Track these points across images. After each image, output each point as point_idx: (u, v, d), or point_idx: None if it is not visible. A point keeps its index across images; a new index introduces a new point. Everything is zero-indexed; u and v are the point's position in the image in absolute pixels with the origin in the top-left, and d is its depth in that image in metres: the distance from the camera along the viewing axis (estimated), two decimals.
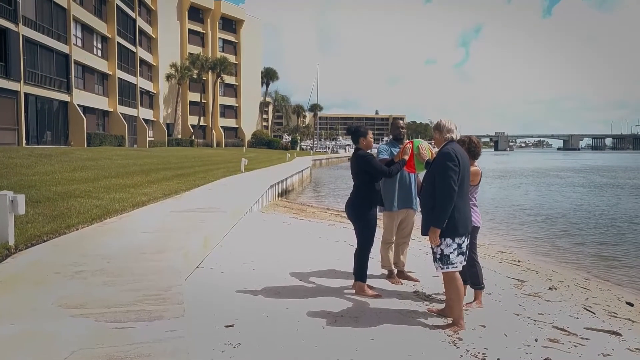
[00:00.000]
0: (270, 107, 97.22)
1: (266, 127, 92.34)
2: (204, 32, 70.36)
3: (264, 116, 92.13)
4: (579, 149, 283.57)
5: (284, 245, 7.93)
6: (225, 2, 72.77)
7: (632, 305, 6.93)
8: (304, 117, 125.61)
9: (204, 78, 66.63)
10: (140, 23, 51.17)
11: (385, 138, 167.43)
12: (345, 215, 15.66)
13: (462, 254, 4.56)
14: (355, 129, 5.34)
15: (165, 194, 10.88)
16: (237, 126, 76.05)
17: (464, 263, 4.64)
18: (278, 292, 5.24)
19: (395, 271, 6.19)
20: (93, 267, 4.41)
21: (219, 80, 68.25)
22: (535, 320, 5.22)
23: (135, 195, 10.22)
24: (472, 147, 5.21)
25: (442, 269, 4.52)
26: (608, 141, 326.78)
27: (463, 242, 4.55)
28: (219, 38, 72.75)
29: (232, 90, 75.38)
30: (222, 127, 71.98)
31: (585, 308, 6.23)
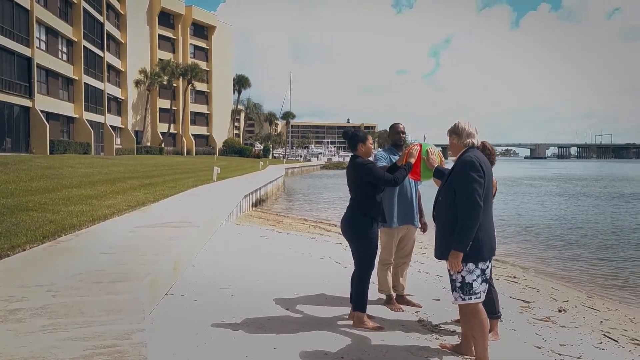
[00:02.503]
0: (242, 115, 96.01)
1: (238, 135, 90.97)
2: (175, 37, 69.00)
3: (236, 124, 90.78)
4: (545, 158, 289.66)
5: (264, 264, 7.09)
6: (197, 8, 71.58)
7: None
8: (276, 125, 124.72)
9: (175, 84, 65.21)
10: (108, 27, 49.66)
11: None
12: (325, 227, 14.97)
13: (486, 281, 3.83)
14: (353, 133, 4.58)
15: (131, 206, 9.93)
16: (208, 134, 74.65)
17: (486, 292, 3.90)
18: (262, 325, 4.41)
19: (394, 295, 5.43)
20: (33, 304, 3.52)
21: (189, 87, 66.88)
22: (560, 355, 4.53)
23: (97, 208, 9.24)
24: (486, 154, 4.48)
25: (464, 299, 3.77)
26: (573, 150, 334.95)
27: (487, 267, 3.82)
28: (190, 44, 71.44)
29: (203, 97, 74.03)
30: (192, 134, 70.54)
31: (604, 334, 5.59)
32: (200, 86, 71.27)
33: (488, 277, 3.85)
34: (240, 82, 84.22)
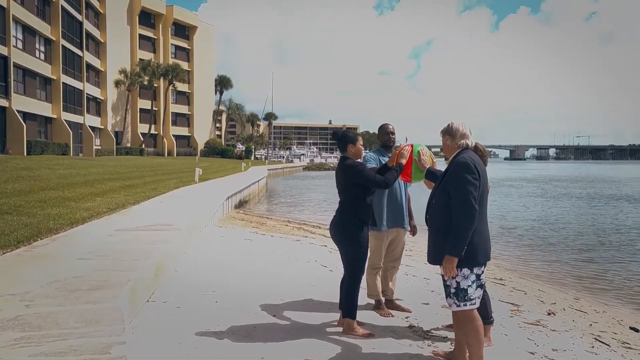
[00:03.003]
0: (224, 116, 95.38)
1: (219, 136, 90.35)
2: (156, 37, 68.27)
3: (217, 125, 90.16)
4: (524, 159, 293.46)
5: (248, 268, 6.90)
6: (178, 8, 70.93)
7: (637, 331, 6.31)
8: (258, 126, 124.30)
9: (155, 85, 64.53)
10: (88, 26, 48.90)
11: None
12: (309, 229, 14.81)
13: (481, 286, 3.71)
14: (343, 134, 4.43)
15: (111, 209, 9.66)
16: (189, 135, 74.02)
17: (481, 298, 3.78)
18: (248, 333, 4.24)
19: (383, 300, 5.29)
20: (5, 315, 3.30)
21: (170, 87, 66.24)
22: None
23: (75, 211, 8.96)
24: (478, 155, 4.36)
25: (458, 306, 3.64)
26: (552, 151, 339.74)
27: (482, 272, 3.70)
28: (171, 44, 70.79)
29: (185, 97, 73.39)
30: (173, 135, 69.86)
31: (595, 338, 5.52)
32: (182, 87, 70.67)
33: (483, 283, 3.73)
34: (222, 83, 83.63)
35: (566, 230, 15.77)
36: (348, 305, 4.32)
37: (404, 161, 4.39)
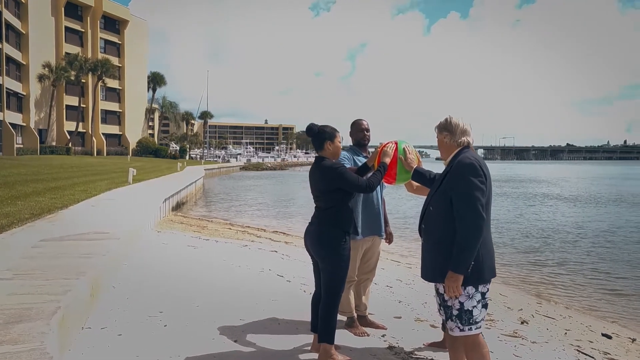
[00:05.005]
0: (157, 114, 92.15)
1: (152, 135, 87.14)
2: (83, 30, 64.86)
3: (150, 123, 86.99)
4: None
5: (198, 281, 6.13)
6: (108, 0, 67.68)
7: (610, 337, 6.09)
8: (193, 125, 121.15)
9: (83, 80, 61.26)
10: (7, 16, 45.66)
11: (277, 147, 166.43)
12: (253, 232, 14.06)
13: (486, 306, 3.21)
14: (320, 129, 3.81)
15: (35, 214, 8.58)
16: (120, 133, 70.97)
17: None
18: None
19: (356, 316, 4.73)
20: None
21: (100, 83, 63.04)
22: None
23: None
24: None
25: (462, 330, 3.12)
26: (480, 152, 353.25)
27: (488, 290, 3.20)
28: (101, 38, 67.51)
29: (115, 94, 70.25)
30: (103, 134, 66.71)
31: (577, 350, 5.22)
32: (112, 83, 67.57)
33: (488, 302, 3.23)
34: (155, 80, 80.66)
35: (510, 232, 15.77)
36: (326, 328, 3.71)
37: (388, 160, 3.84)
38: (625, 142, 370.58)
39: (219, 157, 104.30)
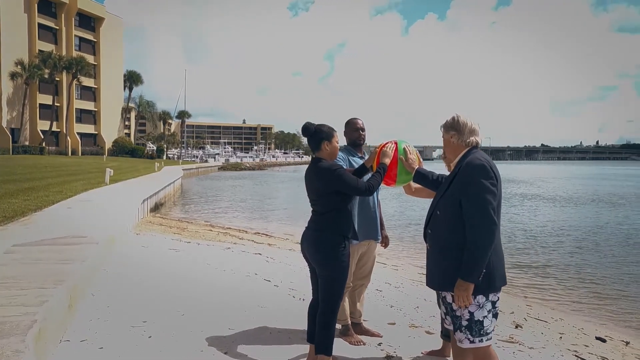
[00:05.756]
0: (133, 113, 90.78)
1: (128, 135, 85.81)
2: (57, 28, 63.51)
3: (127, 123, 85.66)
4: (432, 159, 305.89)
5: (182, 288, 5.84)
6: None
7: (604, 341, 6.01)
8: (170, 124, 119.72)
9: (57, 79, 60.01)
10: None
11: (255, 147, 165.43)
12: (235, 233, 13.77)
13: (496, 316, 3.04)
14: (317, 129, 3.59)
15: (7, 217, 8.20)
16: (96, 133, 69.74)
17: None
18: None
19: (350, 323, 4.52)
20: None
21: (75, 81, 61.77)
22: None
23: None
24: None
25: (472, 342, 2.94)
26: None
27: (498, 298, 3.02)
28: (75, 36, 66.18)
29: (91, 93, 68.97)
30: (78, 133, 65.43)
31: (575, 355, 5.10)
32: (87, 81, 66.29)
33: (497, 312, 3.06)
34: (132, 79, 79.43)
35: None
36: (324, 338, 3.50)
37: (387, 161, 3.64)
38: (597, 142, 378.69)
39: (197, 157, 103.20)
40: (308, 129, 3.58)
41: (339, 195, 3.47)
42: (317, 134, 3.57)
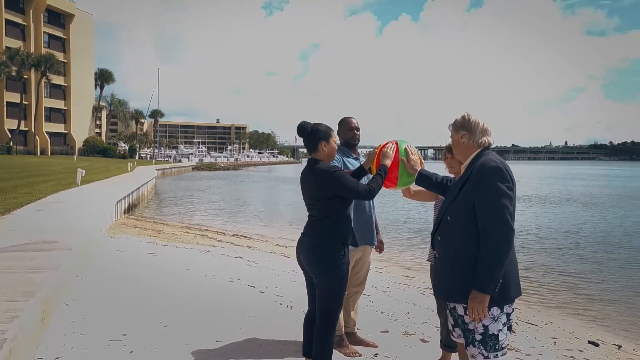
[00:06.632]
0: (104, 112, 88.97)
1: (99, 134, 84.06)
2: (25, 24, 61.69)
3: (98, 122, 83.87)
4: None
5: (163, 297, 5.53)
6: None
7: (597, 345, 5.91)
8: (142, 124, 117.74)
9: (25, 76, 58.26)
10: None
11: (230, 147, 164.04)
12: (213, 235, 13.42)
13: (510, 328, 2.84)
14: (313, 128, 3.35)
15: None
16: (66, 132, 68.03)
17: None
18: None
19: (343, 333, 4.29)
20: None
21: (44, 79, 60.11)
22: None
23: None
24: None
25: (486, 357, 2.74)
26: (430, 152, 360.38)
27: (513, 310, 2.82)
28: (44, 32, 64.36)
29: (60, 91, 67.24)
30: (47, 132, 63.72)
31: None
32: (57, 79, 64.56)
33: (512, 324, 2.86)
34: (103, 77, 77.71)
35: None
36: (322, 352, 3.26)
37: (388, 162, 3.42)
38: (566, 142, 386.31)
39: (170, 157, 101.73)
40: (304, 129, 3.33)
41: (338, 199, 3.23)
42: (313, 134, 3.33)
